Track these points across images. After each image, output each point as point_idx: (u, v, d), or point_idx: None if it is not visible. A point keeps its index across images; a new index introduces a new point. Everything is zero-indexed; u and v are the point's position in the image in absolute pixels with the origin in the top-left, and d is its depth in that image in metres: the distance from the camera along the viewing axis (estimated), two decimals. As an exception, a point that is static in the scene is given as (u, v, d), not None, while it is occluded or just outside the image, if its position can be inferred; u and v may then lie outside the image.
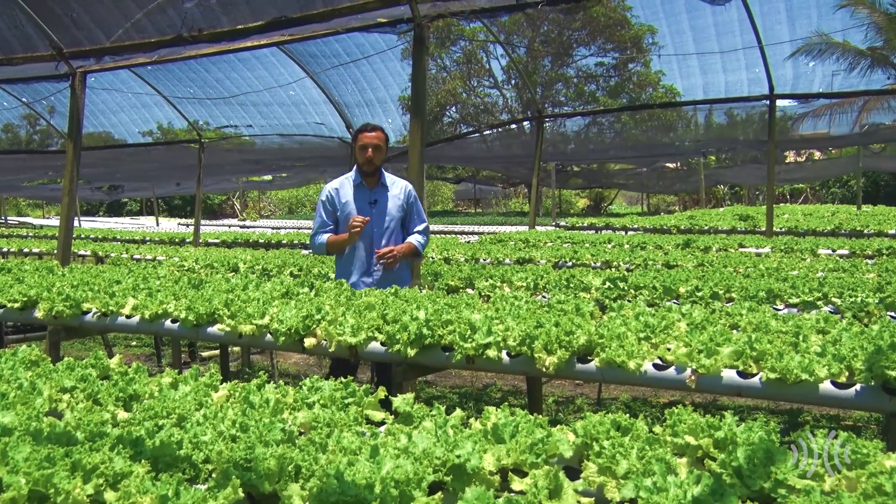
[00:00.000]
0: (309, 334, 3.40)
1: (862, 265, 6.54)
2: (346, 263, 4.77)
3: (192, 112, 14.94)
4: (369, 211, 4.71)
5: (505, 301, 3.74)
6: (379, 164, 4.73)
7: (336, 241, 4.73)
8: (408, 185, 4.95)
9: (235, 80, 13.37)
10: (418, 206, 4.96)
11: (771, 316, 3.33)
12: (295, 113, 14.32)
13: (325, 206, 4.80)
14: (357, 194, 4.76)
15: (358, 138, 4.73)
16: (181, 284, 4.56)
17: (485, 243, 10.73)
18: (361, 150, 4.68)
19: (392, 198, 4.80)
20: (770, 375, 2.49)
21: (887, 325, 2.96)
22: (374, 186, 4.78)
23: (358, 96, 13.56)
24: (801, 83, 11.41)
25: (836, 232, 11.84)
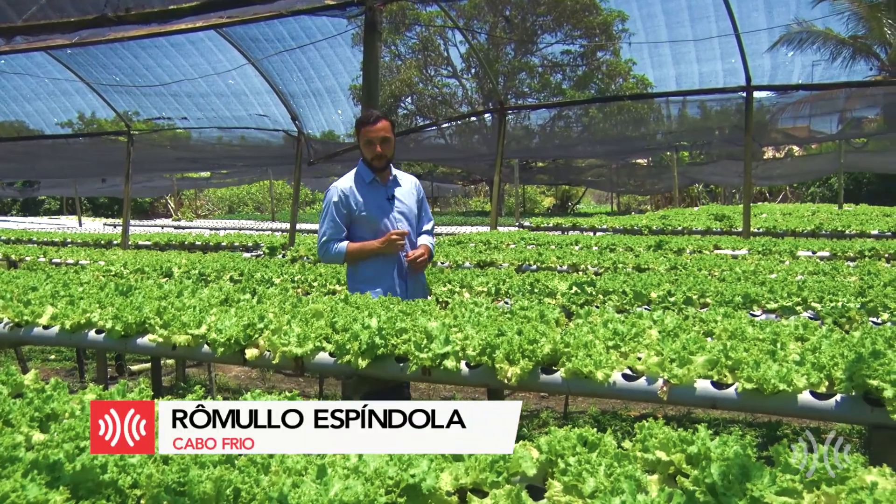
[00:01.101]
0: (251, 345, 3.36)
1: (843, 268, 6.71)
2: (374, 271, 4.58)
3: (119, 102, 14.66)
4: (389, 207, 4.63)
5: (464, 307, 3.74)
6: (390, 156, 4.61)
7: (360, 250, 4.56)
8: (415, 179, 4.87)
9: (168, 68, 13.17)
10: (426, 203, 4.91)
11: (747, 322, 3.39)
12: (235, 104, 14.17)
13: (339, 208, 4.59)
14: (371, 192, 4.62)
15: (361, 133, 4.56)
16: (107, 291, 4.48)
17: (443, 245, 10.73)
18: (368, 147, 4.52)
19: (406, 193, 4.73)
20: (746, 386, 2.54)
21: (869, 332, 3.04)
22: (388, 181, 4.68)
23: (305, 85, 13.46)
24: (779, 74, 11.67)
25: (816, 232, 12.13)
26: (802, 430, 5.59)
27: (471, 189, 54.21)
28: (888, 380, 2.32)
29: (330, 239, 4.61)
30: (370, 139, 4.49)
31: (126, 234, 14.26)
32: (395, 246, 4.49)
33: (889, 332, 3.02)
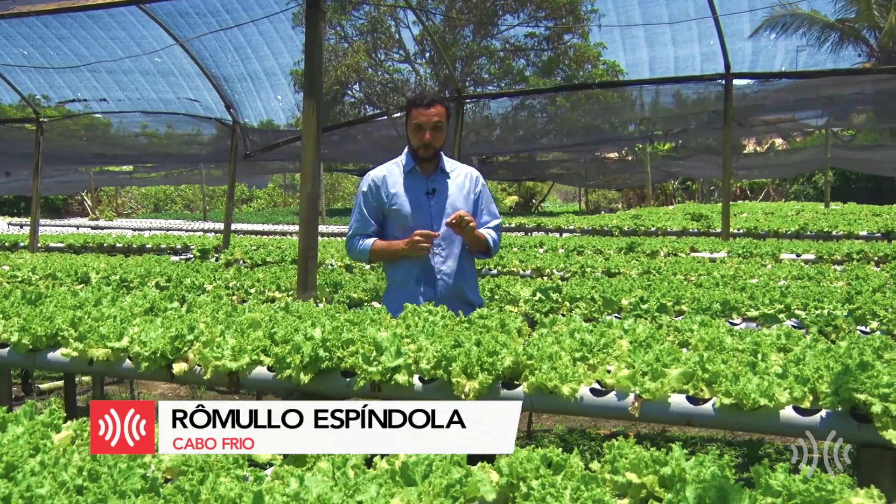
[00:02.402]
0: (179, 358, 3.33)
1: (829, 272, 6.87)
2: (401, 271, 4.39)
3: (26, 83, 14.26)
4: (427, 203, 4.37)
5: (418, 316, 3.74)
6: (440, 147, 4.38)
7: (385, 250, 4.37)
8: (473, 171, 4.59)
9: (85, 40, 12.74)
10: (488, 198, 4.57)
11: (726, 331, 3.45)
12: (162, 85, 13.87)
13: (367, 199, 4.42)
14: (409, 183, 4.40)
15: (411, 115, 4.32)
16: (13, 299, 4.38)
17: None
18: (416, 132, 4.29)
19: (455, 187, 4.43)
20: (724, 401, 2.58)
21: (856, 342, 3.12)
22: (432, 173, 4.43)
23: (241, 67, 13.27)
24: (761, 60, 11.86)
25: (800, 233, 12.39)
26: (786, 449, 5.69)
27: (425, 185, 54.19)
28: (876, 394, 2.37)
29: (356, 234, 4.45)
30: (420, 123, 4.26)
31: (35, 235, 13.96)
32: (418, 249, 4.22)
33: (878, 341, 3.10)
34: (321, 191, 24.97)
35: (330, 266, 8.56)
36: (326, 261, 8.83)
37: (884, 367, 2.55)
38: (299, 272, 5.76)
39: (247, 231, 21.59)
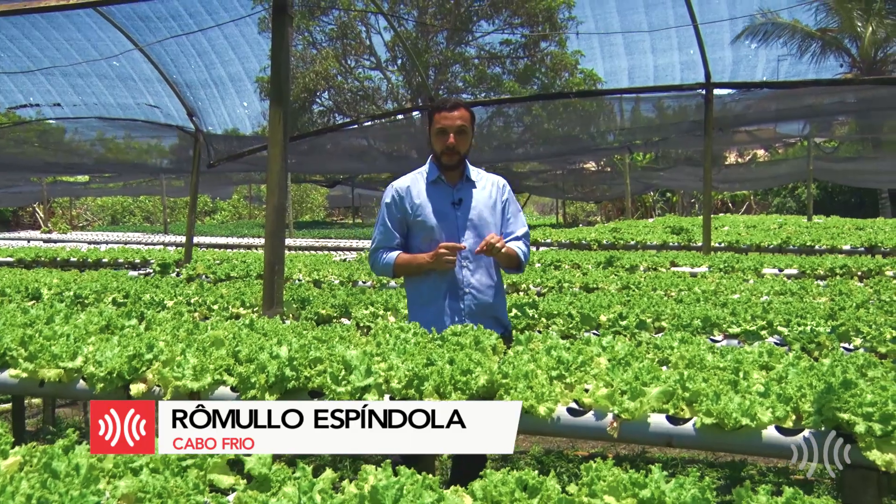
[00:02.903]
0: (137, 379, 3.29)
1: (812, 287, 6.95)
2: (427, 286, 4.33)
3: (-30, 86, 14.08)
4: (453, 214, 4.32)
5: (388, 333, 3.74)
6: (465, 152, 4.33)
7: (410, 263, 4.32)
8: (500, 179, 4.54)
9: (38, 42, 12.60)
10: (515, 207, 4.52)
11: (707, 349, 3.47)
12: (121, 90, 13.73)
13: (391, 210, 4.38)
14: (434, 193, 4.36)
15: (434, 119, 4.30)
16: (-39, 316, 4.33)
17: (365, 262, 10.70)
18: (440, 137, 4.27)
19: (481, 196, 4.39)
20: (705, 420, 2.59)
21: (840, 359, 3.15)
22: (458, 182, 4.39)
23: (205, 73, 13.19)
24: (742, 69, 12.01)
25: (783, 248, 12.53)
26: (769, 470, 5.73)
27: (397, 197, 54.15)
28: (860, 413, 2.40)
29: (379, 247, 4.40)
30: (444, 127, 4.24)
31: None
32: (443, 262, 4.16)
33: (861, 359, 3.14)
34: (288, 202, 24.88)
35: (297, 281, 8.53)
36: (294, 275, 8.80)
37: (867, 385, 2.57)
38: (265, 287, 5.74)
39: (210, 244, 21.45)
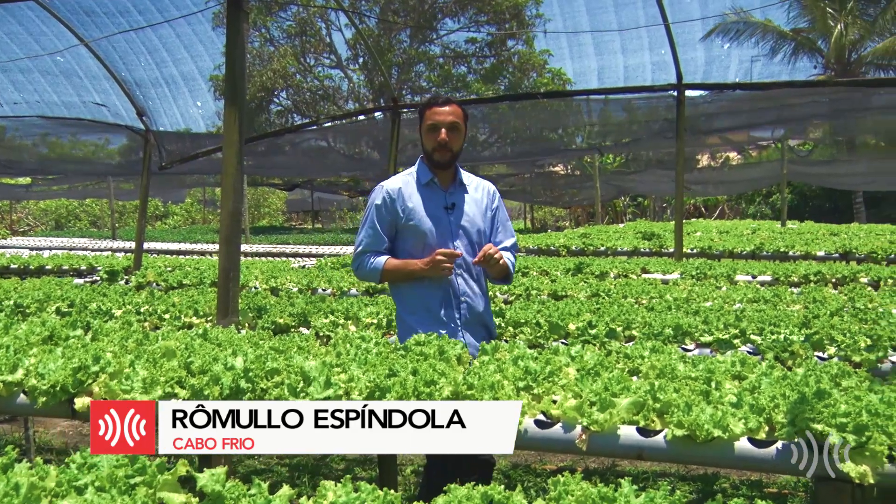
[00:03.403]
0: (82, 392, 3.26)
1: (786, 295, 7.03)
2: (420, 293, 4.26)
3: None
4: (446, 219, 4.29)
5: (349, 343, 3.74)
6: (457, 150, 4.29)
7: (400, 269, 4.25)
8: (490, 185, 4.54)
9: (-26, 32, 12.45)
10: (504, 215, 4.52)
11: (678, 358, 3.51)
12: (65, 87, 13.53)
13: (381, 213, 4.29)
14: (427, 196, 4.31)
15: (425, 116, 4.26)
16: None
17: (325, 269, 10.67)
18: (431, 134, 4.22)
19: (473, 202, 4.38)
20: (676, 432, 2.62)
21: (813, 369, 3.20)
22: (450, 185, 4.36)
23: (156, 71, 13.07)
24: (714, 69, 12.15)
25: (756, 254, 12.67)
26: (743, 483, 5.80)
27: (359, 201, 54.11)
28: (833, 423, 2.43)
29: (366, 251, 4.33)
30: (435, 123, 4.20)
31: (-82, 254, 13.58)
32: (439, 270, 4.11)
33: (835, 368, 3.19)
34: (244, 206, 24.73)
35: (253, 289, 8.48)
36: (250, 283, 8.75)
37: (841, 395, 2.61)
38: (219, 295, 5.70)
39: (161, 250, 21.26)
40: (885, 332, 4.58)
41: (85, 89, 13.31)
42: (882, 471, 2.36)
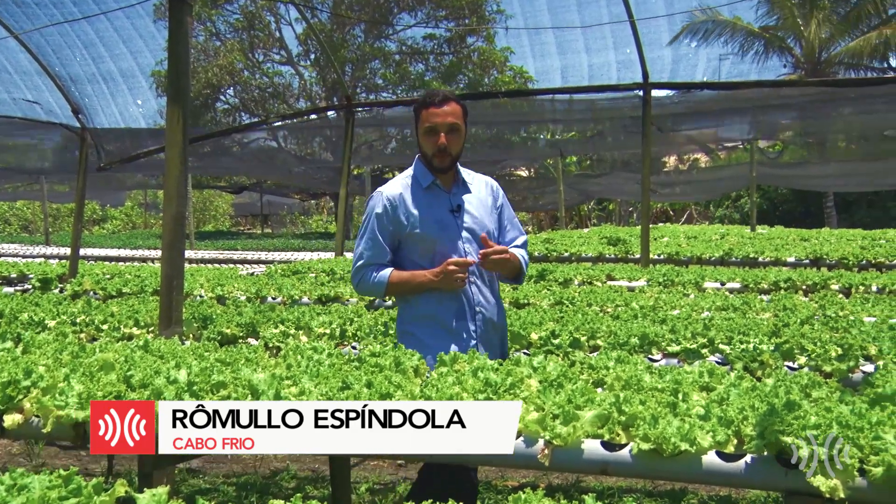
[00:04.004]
0: (12, 409, 3.21)
1: (755, 302, 7.13)
2: (433, 305, 4.14)
3: None
4: (453, 223, 4.17)
5: (301, 355, 3.72)
6: (457, 153, 4.15)
7: (408, 282, 4.14)
8: (491, 180, 4.45)
9: None
10: (510, 211, 4.44)
11: (644, 369, 3.54)
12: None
13: (382, 222, 4.15)
14: (430, 200, 4.18)
15: (420, 117, 4.11)
16: None
17: (275, 276, 10.62)
18: (429, 137, 4.08)
19: (477, 201, 4.28)
20: (642, 446, 2.63)
21: (783, 379, 3.24)
22: (453, 186, 4.24)
23: (92, 66, 12.93)
24: (681, 69, 12.29)
25: (725, 260, 12.81)
26: (711, 498, 5.85)
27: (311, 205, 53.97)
28: (803, 436, 2.46)
29: (368, 263, 4.18)
30: (433, 126, 4.05)
31: None
32: (452, 281, 4.00)
33: (805, 378, 3.23)
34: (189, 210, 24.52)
35: (199, 297, 8.41)
36: (195, 291, 8.68)
37: (811, 406, 2.65)
38: (162, 305, 5.64)
39: (99, 257, 21.01)
40: (857, 340, 4.66)
41: (15, 85, 13.14)
42: (853, 485, 2.39)
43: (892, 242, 15.41)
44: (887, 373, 3.32)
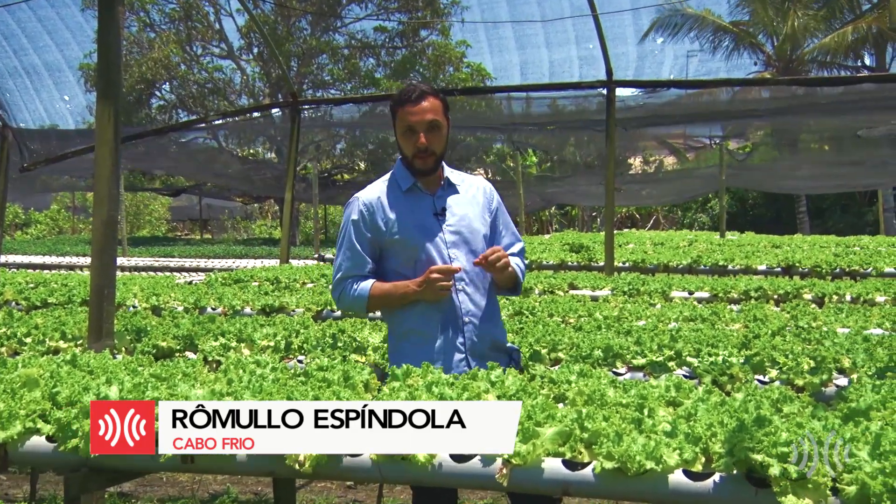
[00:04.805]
0: (-74, 430, 3.15)
1: (725, 312, 7.20)
2: (416, 317, 4.05)
3: None
4: (437, 227, 4.05)
5: (242, 369, 3.70)
6: (440, 152, 4.04)
7: (390, 294, 4.04)
8: (485, 183, 4.32)
9: None
10: (506, 216, 4.30)
11: (608, 383, 3.55)
12: None
13: (359, 229, 4.07)
14: (411, 204, 4.08)
15: (397, 116, 4.00)
16: None
17: (215, 285, 10.53)
18: (407, 137, 3.98)
19: (467, 203, 4.15)
20: (606, 465, 2.64)
21: (753, 393, 3.27)
22: (438, 189, 4.14)
23: (13, 59, 12.75)
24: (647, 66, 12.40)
25: (693, 267, 12.92)
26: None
27: (254, 209, 53.65)
28: (774, 454, 2.48)
29: (347, 276, 4.09)
30: (411, 125, 3.95)
31: None
32: (435, 290, 3.89)
33: (777, 393, 3.27)
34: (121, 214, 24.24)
35: (132, 308, 8.31)
36: (127, 301, 8.59)
37: (783, 422, 2.68)
38: (91, 316, 5.57)
39: (22, 264, 20.65)
40: (830, 353, 4.72)
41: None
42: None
43: (867, 250, 15.66)
44: (861, 386, 3.37)
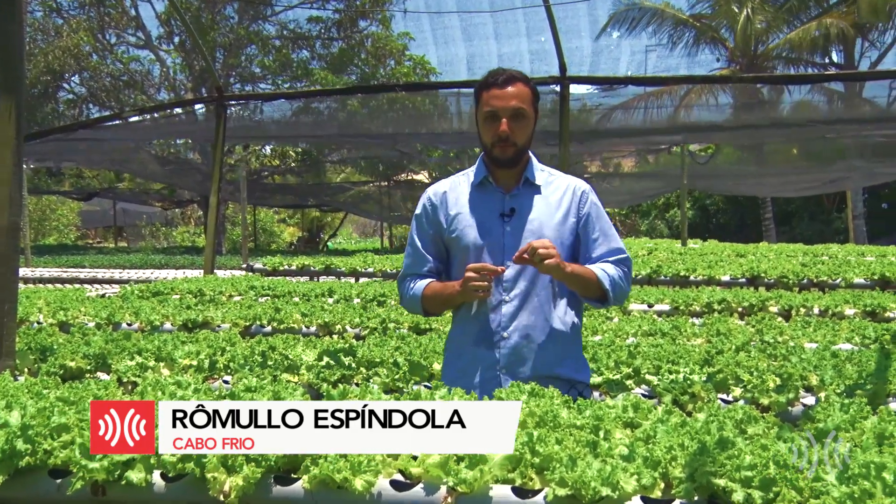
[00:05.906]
0: None
1: (686, 326, 7.27)
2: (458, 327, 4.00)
3: None
4: (500, 229, 3.90)
5: (161, 391, 3.66)
6: (523, 144, 3.86)
7: (439, 294, 3.93)
8: (580, 184, 4.05)
9: None
10: (603, 223, 3.99)
11: (562, 403, 3.57)
12: None
13: (422, 225, 4.03)
14: (479, 200, 3.96)
15: (481, 100, 3.85)
16: None
17: (131, 298, 10.43)
18: (489, 123, 3.84)
19: (545, 205, 3.94)
20: (558, 492, 2.64)
21: (716, 414, 3.30)
22: (514, 186, 3.96)
23: None
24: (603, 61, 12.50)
25: (653, 278, 13.04)
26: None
27: (175, 214, 53.19)
28: (738, 478, 2.50)
29: (406, 274, 4.08)
30: (494, 110, 3.80)
31: None
32: (470, 292, 3.73)
33: (740, 413, 3.30)
34: (24, 220, 23.87)
35: (36, 324, 8.21)
36: (31, 317, 8.47)
37: (746, 444, 2.70)
38: (-9, 333, 5.51)
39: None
40: (797, 370, 4.79)
41: None
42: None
43: (836, 259, 15.93)
44: (829, 406, 3.41)
